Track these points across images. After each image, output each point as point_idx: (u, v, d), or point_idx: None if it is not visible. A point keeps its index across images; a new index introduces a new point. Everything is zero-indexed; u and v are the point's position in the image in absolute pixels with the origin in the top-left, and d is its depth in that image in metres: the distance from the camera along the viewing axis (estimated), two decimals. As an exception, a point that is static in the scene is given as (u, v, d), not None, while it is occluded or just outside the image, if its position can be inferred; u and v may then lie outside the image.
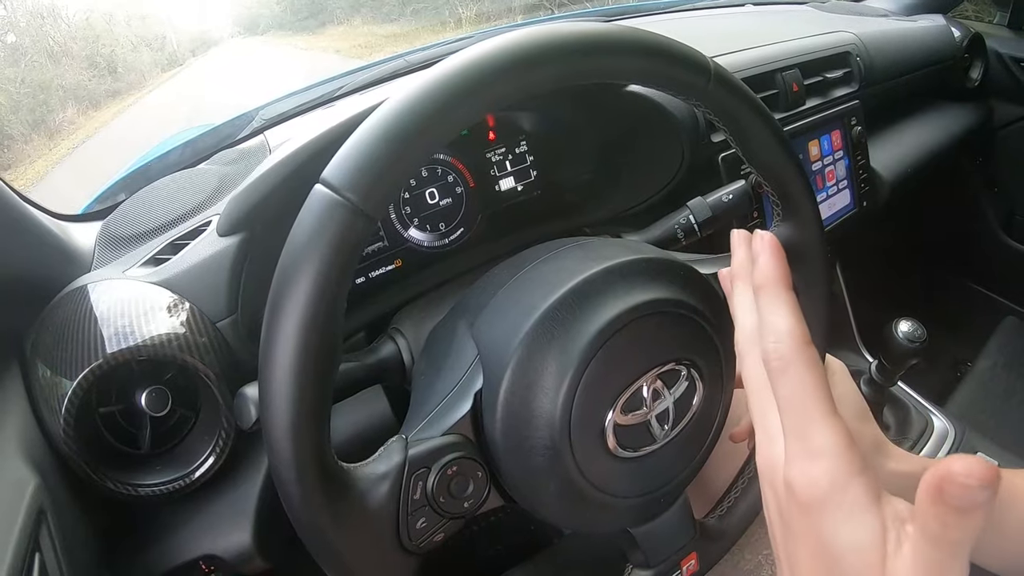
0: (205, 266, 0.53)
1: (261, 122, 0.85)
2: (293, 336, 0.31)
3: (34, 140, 4.50)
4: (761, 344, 0.30)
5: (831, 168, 0.98)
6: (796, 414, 0.27)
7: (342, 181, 0.30)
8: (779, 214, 0.50)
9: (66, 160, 3.97)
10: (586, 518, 0.44)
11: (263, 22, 4.30)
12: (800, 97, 0.92)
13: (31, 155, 4.09)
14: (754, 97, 0.43)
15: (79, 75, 5.39)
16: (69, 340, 0.49)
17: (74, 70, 5.51)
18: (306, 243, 0.30)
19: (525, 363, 0.38)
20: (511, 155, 0.72)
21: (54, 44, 5.61)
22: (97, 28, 6.01)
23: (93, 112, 5.14)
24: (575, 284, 0.40)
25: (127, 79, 4.43)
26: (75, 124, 5.01)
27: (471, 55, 0.33)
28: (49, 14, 5.36)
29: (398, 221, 0.65)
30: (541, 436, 0.38)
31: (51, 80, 5.44)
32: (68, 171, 3.62)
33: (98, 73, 5.69)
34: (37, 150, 4.29)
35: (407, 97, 0.32)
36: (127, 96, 4.75)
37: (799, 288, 0.51)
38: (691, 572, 0.52)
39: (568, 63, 0.35)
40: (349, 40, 4.24)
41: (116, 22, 5.48)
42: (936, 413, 0.99)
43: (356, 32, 4.26)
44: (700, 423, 0.44)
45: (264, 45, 4.09)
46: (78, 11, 5.19)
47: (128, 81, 4.61)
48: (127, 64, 4.47)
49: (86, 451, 0.48)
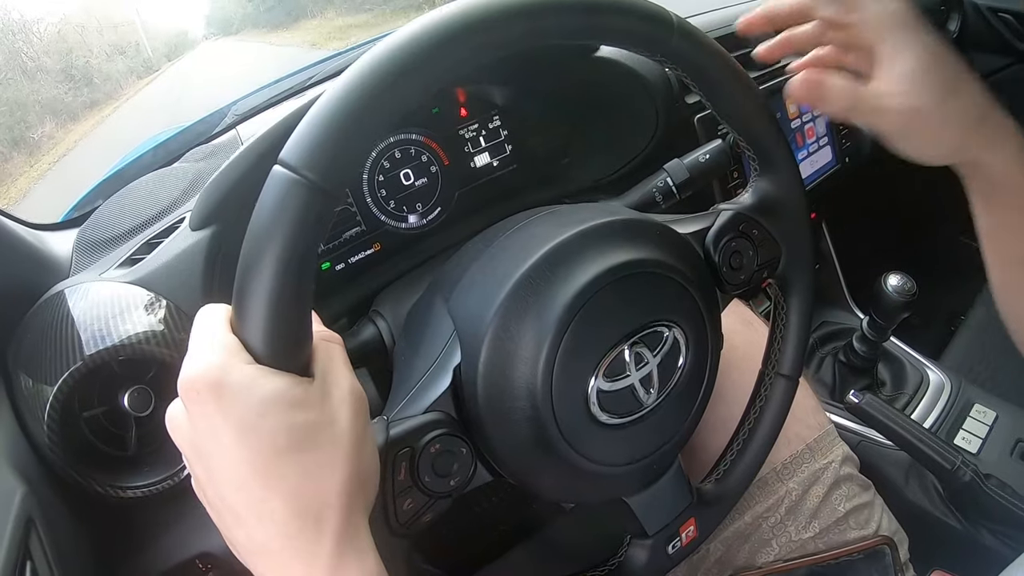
0: (179, 261, 0.52)
1: (234, 117, 0.84)
2: (259, 321, 0.30)
3: (14, 158, 4.46)
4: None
5: (810, 125, 0.98)
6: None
7: (299, 160, 0.30)
8: (756, 169, 0.50)
9: (48, 175, 3.94)
10: (577, 489, 0.44)
11: (236, 21, 4.25)
12: (775, 55, 0.91)
13: (12, 173, 4.05)
14: (721, 50, 0.42)
15: (55, 89, 5.33)
16: (47, 347, 0.49)
17: (50, 84, 5.45)
18: (268, 225, 0.30)
19: (502, 334, 0.38)
20: (484, 130, 0.71)
21: (28, 60, 5.55)
22: (70, 40, 5.94)
23: (72, 125, 5.09)
24: (548, 250, 0.39)
25: (104, 89, 4.39)
26: (55, 139, 4.96)
27: (421, 23, 0.32)
28: (20, 30, 5.29)
29: (374, 204, 0.64)
30: (523, 407, 0.38)
31: (27, 97, 5.38)
32: (51, 186, 3.59)
33: (74, 85, 5.64)
34: (18, 168, 4.25)
35: (358, 71, 0.31)
36: (105, 106, 4.71)
37: (781, 241, 0.51)
38: (690, 539, 0.52)
39: (521, 25, 0.34)
40: (323, 32, 4.18)
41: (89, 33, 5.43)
42: (931, 367, 0.99)
43: (331, 24, 4.21)
44: (688, 385, 0.44)
45: (239, 44, 4.04)
46: (49, 25, 5.12)
47: (105, 91, 4.56)
48: (103, 74, 4.43)
49: (72, 456, 0.48)
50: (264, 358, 0.31)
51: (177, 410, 0.32)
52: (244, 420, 0.29)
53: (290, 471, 0.30)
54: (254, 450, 0.29)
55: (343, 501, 0.31)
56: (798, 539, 0.66)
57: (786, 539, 0.66)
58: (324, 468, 0.31)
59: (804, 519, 0.66)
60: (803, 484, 0.67)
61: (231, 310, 0.32)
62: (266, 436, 0.29)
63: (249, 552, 0.31)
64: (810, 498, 0.67)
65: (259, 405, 0.29)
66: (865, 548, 0.66)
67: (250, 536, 0.30)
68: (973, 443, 0.87)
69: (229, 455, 0.29)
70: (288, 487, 0.30)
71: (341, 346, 0.35)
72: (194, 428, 0.31)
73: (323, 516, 0.30)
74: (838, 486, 0.68)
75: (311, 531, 0.30)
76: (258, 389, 0.30)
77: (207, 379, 0.29)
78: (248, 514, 0.30)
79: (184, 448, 0.32)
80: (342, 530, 0.31)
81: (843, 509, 0.67)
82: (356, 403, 0.33)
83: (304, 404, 0.31)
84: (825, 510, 0.67)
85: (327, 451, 0.31)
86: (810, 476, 0.68)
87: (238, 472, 0.30)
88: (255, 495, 0.30)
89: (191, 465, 0.33)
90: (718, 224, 0.49)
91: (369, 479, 0.34)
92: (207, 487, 0.32)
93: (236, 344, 0.31)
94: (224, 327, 0.32)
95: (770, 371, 0.54)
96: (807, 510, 0.66)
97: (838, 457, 0.69)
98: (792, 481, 0.67)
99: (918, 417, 0.91)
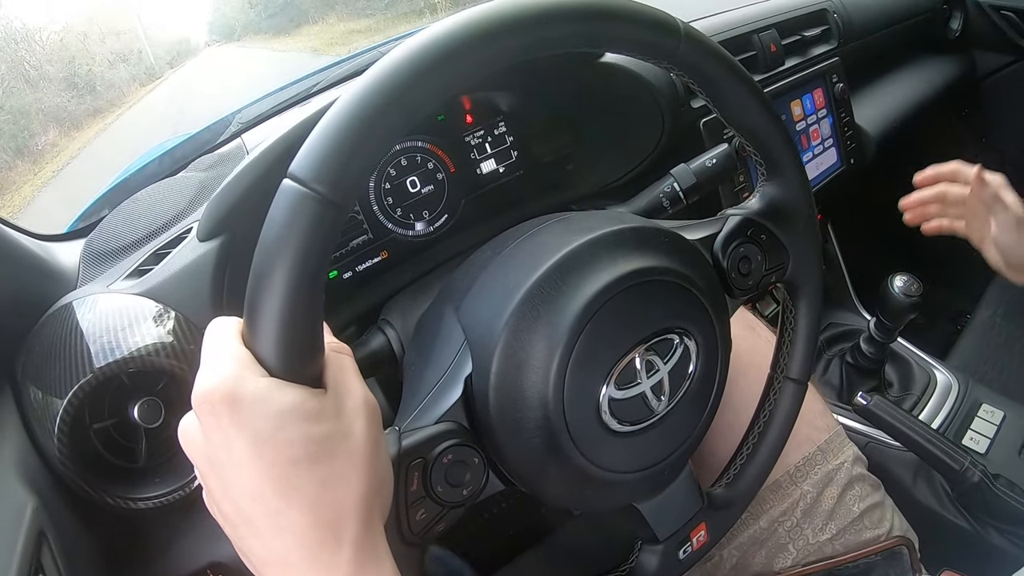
0: (187, 273, 0.52)
1: (239, 125, 0.84)
2: (272, 335, 0.30)
3: (18, 166, 4.46)
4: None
5: (815, 127, 0.97)
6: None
7: (308, 173, 0.30)
8: (763, 174, 0.50)
9: (52, 183, 3.95)
10: (589, 496, 0.44)
11: (238, 28, 4.24)
12: (779, 57, 0.92)
13: (16, 181, 4.06)
14: (728, 56, 0.42)
15: (58, 97, 5.34)
16: (57, 359, 0.49)
17: (53, 92, 5.45)
18: (278, 240, 0.30)
19: (513, 343, 0.38)
20: (490, 137, 0.71)
21: (30, 68, 5.56)
22: (72, 49, 5.95)
23: (75, 133, 5.10)
24: (558, 259, 0.39)
25: (107, 96, 4.40)
26: (58, 146, 4.97)
27: (431, 33, 0.32)
28: (23, 39, 5.30)
29: (381, 212, 0.64)
30: (535, 417, 0.38)
31: (31, 105, 5.39)
32: (55, 193, 3.59)
33: (77, 93, 5.65)
34: (22, 176, 4.25)
35: (366, 84, 0.31)
36: (108, 114, 4.72)
37: (789, 246, 0.51)
38: (701, 543, 0.51)
39: (529, 34, 0.34)
40: (325, 37, 4.18)
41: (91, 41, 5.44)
42: (938, 367, 0.99)
43: (332, 29, 4.21)
44: (698, 392, 0.44)
45: (241, 50, 4.04)
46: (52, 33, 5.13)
47: (108, 98, 4.57)
48: (106, 81, 4.44)
49: (82, 469, 0.48)
50: (277, 370, 0.31)
51: (190, 423, 0.32)
52: (260, 433, 0.29)
53: (307, 482, 0.30)
54: (270, 462, 0.29)
55: (361, 510, 0.31)
56: (815, 541, 0.66)
57: (803, 542, 0.66)
58: (341, 478, 0.31)
59: (820, 521, 0.66)
60: (817, 486, 0.67)
61: (242, 323, 0.32)
62: (282, 448, 0.29)
63: (265, 564, 0.31)
64: (825, 500, 0.66)
65: (274, 417, 0.29)
66: (884, 548, 0.66)
67: (267, 547, 0.30)
68: (981, 443, 0.86)
69: (245, 468, 0.30)
70: (306, 498, 0.30)
71: (351, 357, 0.35)
72: (208, 441, 0.31)
73: (341, 526, 0.30)
74: (851, 486, 0.68)
75: (330, 541, 0.30)
76: (273, 402, 0.30)
77: (221, 392, 0.30)
78: (265, 526, 0.30)
79: (198, 461, 0.33)
80: (360, 539, 0.31)
81: (857, 509, 0.66)
82: (370, 413, 0.33)
83: (319, 416, 0.31)
84: (840, 511, 0.66)
85: (343, 461, 0.31)
86: (823, 477, 0.67)
87: (255, 484, 0.30)
88: (272, 507, 0.30)
89: (205, 478, 0.33)
90: (726, 230, 0.49)
91: (384, 487, 0.34)
92: (222, 500, 0.32)
93: (249, 357, 0.31)
94: (236, 340, 0.32)
95: (779, 375, 0.54)
96: (823, 512, 0.66)
97: (849, 458, 0.69)
98: (806, 483, 0.66)
99: (926, 418, 0.90)
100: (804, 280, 0.52)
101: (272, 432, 0.29)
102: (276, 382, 0.30)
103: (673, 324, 0.41)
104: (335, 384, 0.33)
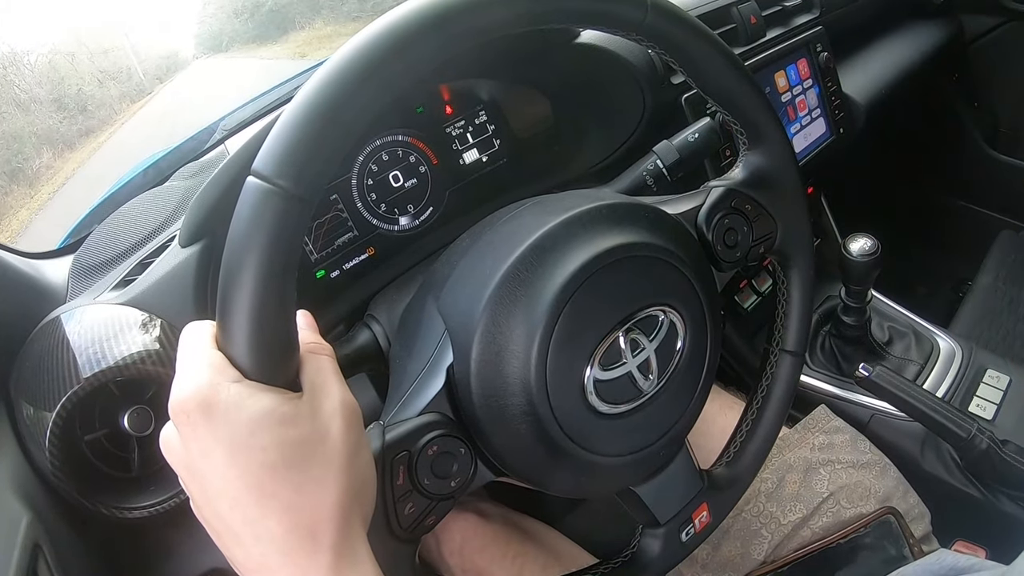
0: (170, 279, 0.52)
1: (222, 132, 0.84)
2: (243, 336, 0.30)
3: (14, 191, 4.46)
4: None
5: (802, 98, 0.96)
6: None
7: (270, 169, 0.29)
8: (745, 143, 0.49)
9: (49, 205, 3.95)
10: (582, 482, 0.43)
11: (226, 38, 4.20)
12: (760, 29, 0.90)
13: (13, 206, 4.07)
14: (698, 23, 0.42)
15: (50, 119, 5.34)
16: (46, 372, 0.49)
17: (44, 115, 5.45)
18: (244, 237, 0.29)
19: (492, 329, 0.37)
20: (471, 126, 0.70)
21: (20, 92, 5.55)
22: (61, 70, 5.95)
23: (69, 153, 5.10)
24: (534, 240, 0.38)
25: (98, 115, 4.37)
26: (53, 168, 4.98)
27: (385, 21, 0.32)
28: (11, 63, 5.29)
29: (365, 208, 0.64)
30: (519, 403, 0.37)
31: (23, 128, 5.39)
32: (52, 215, 3.60)
33: (68, 114, 5.65)
34: (19, 200, 4.26)
35: (322, 75, 0.31)
36: (100, 133, 4.71)
37: (776, 215, 0.50)
38: (704, 524, 0.51)
39: (490, 13, 0.33)
40: (313, 43, 4.14)
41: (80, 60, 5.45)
42: (942, 335, 0.98)
43: (320, 34, 4.17)
44: (689, 368, 0.43)
45: (229, 60, 4.00)
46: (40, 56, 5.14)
47: (100, 117, 4.54)
48: (96, 101, 4.41)
49: (76, 481, 0.48)
50: (250, 372, 0.30)
51: (170, 432, 0.32)
52: (234, 440, 0.29)
53: (283, 488, 0.30)
54: (246, 469, 0.29)
55: (338, 514, 0.31)
56: (787, 522, 0.66)
57: (775, 525, 0.67)
58: (317, 483, 0.30)
59: (788, 503, 0.67)
60: (777, 472, 0.70)
61: (215, 326, 0.32)
62: (257, 454, 0.29)
63: (248, 570, 0.31)
64: (787, 485, 0.69)
65: (249, 424, 0.29)
66: (870, 521, 0.66)
67: (248, 554, 0.30)
68: (988, 409, 0.85)
69: (222, 475, 0.29)
70: (282, 504, 0.30)
71: (331, 357, 0.35)
72: (186, 449, 0.31)
73: (319, 531, 0.30)
74: (816, 471, 0.70)
75: (308, 547, 0.30)
76: (247, 408, 0.29)
77: (196, 400, 0.29)
78: (244, 532, 0.30)
79: (179, 470, 0.32)
80: (339, 544, 0.30)
81: (826, 491, 0.68)
82: (348, 415, 0.33)
83: (294, 420, 0.30)
84: (806, 494, 0.68)
85: (320, 466, 0.31)
86: (781, 466, 0.70)
87: (232, 491, 0.29)
88: (250, 513, 0.29)
89: (187, 487, 0.33)
90: (709, 201, 0.48)
91: (364, 491, 0.34)
92: (203, 507, 0.32)
93: (222, 361, 0.31)
94: (209, 344, 0.32)
95: (775, 348, 0.53)
96: (787, 496, 0.68)
97: (812, 445, 0.72)
98: (764, 471, 0.69)
99: (930, 386, 0.89)
100: (794, 249, 0.52)
101: (246, 439, 0.29)
102: (250, 387, 0.30)
103: (656, 300, 0.40)
104: (311, 386, 0.33)
